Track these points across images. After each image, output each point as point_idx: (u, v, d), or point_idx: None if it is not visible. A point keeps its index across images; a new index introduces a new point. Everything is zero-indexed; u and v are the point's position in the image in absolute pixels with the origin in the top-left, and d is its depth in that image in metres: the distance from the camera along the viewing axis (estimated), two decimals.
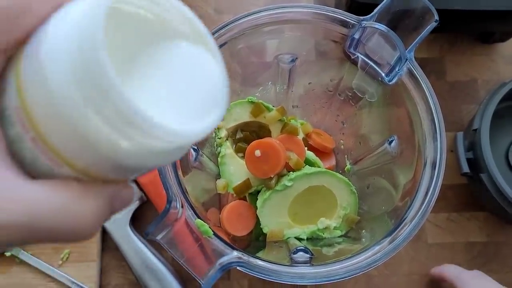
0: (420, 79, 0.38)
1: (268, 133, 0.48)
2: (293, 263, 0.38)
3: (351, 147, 0.53)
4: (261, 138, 0.45)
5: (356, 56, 0.40)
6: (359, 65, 0.42)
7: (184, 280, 0.52)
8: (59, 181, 0.18)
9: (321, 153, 0.51)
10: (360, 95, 0.47)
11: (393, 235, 0.35)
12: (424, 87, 0.38)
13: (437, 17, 0.36)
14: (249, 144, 0.45)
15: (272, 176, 0.44)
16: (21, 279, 0.52)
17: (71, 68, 0.16)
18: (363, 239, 0.43)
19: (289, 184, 0.44)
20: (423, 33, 0.37)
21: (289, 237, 0.46)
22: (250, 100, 0.48)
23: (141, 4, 0.19)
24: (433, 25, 0.36)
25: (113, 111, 0.16)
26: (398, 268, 0.55)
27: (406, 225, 0.35)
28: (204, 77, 0.21)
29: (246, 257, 0.35)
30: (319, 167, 0.48)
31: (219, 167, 0.48)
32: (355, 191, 0.47)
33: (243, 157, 0.46)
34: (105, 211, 0.18)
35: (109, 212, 0.19)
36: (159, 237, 0.34)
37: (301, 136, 0.50)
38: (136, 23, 0.19)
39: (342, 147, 0.54)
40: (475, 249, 0.56)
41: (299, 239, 0.46)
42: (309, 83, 0.51)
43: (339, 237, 0.46)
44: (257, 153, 0.43)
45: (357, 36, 0.39)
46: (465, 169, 0.52)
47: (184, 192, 0.37)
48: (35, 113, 0.17)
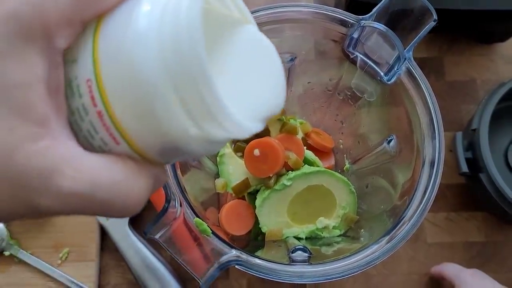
0: (418, 79, 0.38)
1: (267, 133, 0.48)
2: (292, 262, 0.38)
3: (350, 147, 0.53)
4: (260, 137, 0.45)
5: (355, 55, 0.41)
6: (358, 65, 0.42)
7: (183, 279, 0.52)
8: (116, 156, 0.18)
9: (320, 152, 0.51)
10: (359, 95, 0.47)
11: (391, 234, 0.35)
12: (422, 87, 0.38)
13: (435, 17, 0.36)
14: (248, 143, 0.45)
15: (271, 175, 0.44)
16: (20, 278, 0.52)
17: (162, 55, 0.16)
18: (362, 239, 0.43)
19: (288, 183, 0.44)
20: (421, 33, 0.37)
21: (288, 237, 0.46)
22: None
23: None
24: (431, 24, 0.36)
25: (199, 102, 0.16)
26: (397, 267, 0.55)
27: (404, 224, 0.35)
28: (269, 65, 0.21)
29: (244, 256, 0.35)
30: (318, 166, 0.48)
31: (218, 167, 0.48)
32: (354, 191, 0.47)
33: (242, 157, 0.46)
34: (150, 190, 0.19)
35: (152, 191, 0.19)
36: (157, 236, 0.34)
37: (300, 135, 0.50)
38: (208, 15, 0.19)
39: (341, 146, 0.54)
40: (474, 249, 0.56)
41: (298, 239, 0.46)
42: (308, 83, 0.51)
43: (338, 236, 0.46)
44: (256, 152, 0.43)
45: (356, 35, 0.39)
46: (464, 168, 0.52)
47: (183, 191, 0.37)
48: (110, 89, 0.16)
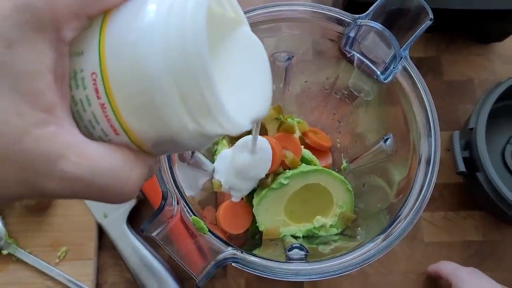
0: (415, 78, 0.39)
1: (264, 132, 0.49)
2: (289, 260, 0.38)
3: (347, 146, 0.53)
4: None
5: (351, 54, 0.41)
6: (355, 64, 0.42)
7: (180, 278, 0.52)
8: (115, 145, 0.19)
9: (317, 151, 0.52)
10: (356, 94, 0.47)
11: (387, 232, 0.35)
12: (419, 86, 0.38)
13: (431, 16, 0.36)
14: None
15: (268, 174, 0.44)
16: (18, 277, 0.52)
17: (167, 53, 0.16)
18: (359, 237, 0.43)
19: (285, 182, 0.44)
20: (417, 32, 0.37)
21: (285, 235, 0.46)
22: None
23: None
24: (427, 23, 0.36)
25: (199, 99, 0.17)
26: (394, 266, 0.55)
27: (400, 222, 0.35)
28: (261, 68, 0.22)
29: (241, 254, 0.35)
30: (316, 165, 0.48)
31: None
32: (351, 189, 0.47)
33: None
34: (144, 178, 0.20)
35: (145, 180, 0.21)
36: (154, 234, 0.34)
37: (297, 134, 0.50)
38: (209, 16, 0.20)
39: (338, 145, 0.54)
40: (471, 248, 0.56)
41: (295, 237, 0.46)
42: (305, 82, 0.51)
43: (335, 235, 0.46)
44: None
45: (352, 34, 0.39)
46: (461, 168, 0.52)
47: (179, 189, 0.37)
48: (114, 82, 0.17)
